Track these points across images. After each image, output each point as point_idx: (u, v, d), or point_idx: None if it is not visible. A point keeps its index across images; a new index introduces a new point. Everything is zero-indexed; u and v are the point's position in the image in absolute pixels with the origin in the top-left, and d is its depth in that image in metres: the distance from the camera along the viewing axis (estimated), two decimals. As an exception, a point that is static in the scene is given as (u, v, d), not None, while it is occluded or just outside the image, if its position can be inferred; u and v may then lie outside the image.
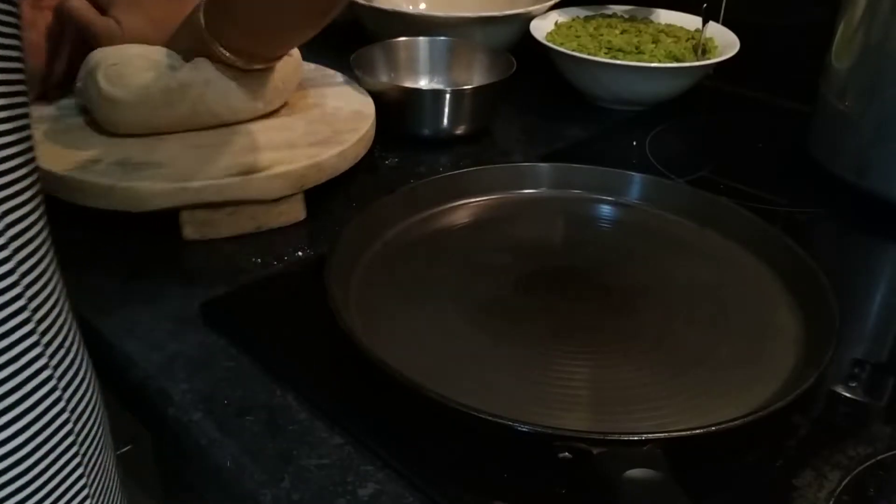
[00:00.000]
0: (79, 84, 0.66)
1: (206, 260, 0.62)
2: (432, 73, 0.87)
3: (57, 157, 0.62)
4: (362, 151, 0.71)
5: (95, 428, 0.40)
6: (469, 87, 0.82)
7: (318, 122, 0.71)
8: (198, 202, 0.61)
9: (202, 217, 0.62)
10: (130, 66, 0.64)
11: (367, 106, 0.75)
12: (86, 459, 0.39)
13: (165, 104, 0.65)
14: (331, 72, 0.82)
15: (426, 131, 0.80)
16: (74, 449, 0.38)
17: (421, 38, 0.89)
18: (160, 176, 0.61)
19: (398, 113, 0.79)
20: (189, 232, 0.63)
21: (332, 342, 0.49)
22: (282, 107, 0.73)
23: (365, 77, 0.80)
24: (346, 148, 0.67)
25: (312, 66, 0.83)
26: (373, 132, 0.73)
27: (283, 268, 0.61)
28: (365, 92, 0.78)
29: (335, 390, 0.50)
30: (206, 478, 0.48)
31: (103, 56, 0.65)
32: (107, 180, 0.60)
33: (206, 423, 0.47)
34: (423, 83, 0.83)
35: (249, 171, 0.62)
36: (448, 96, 0.79)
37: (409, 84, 0.85)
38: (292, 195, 0.65)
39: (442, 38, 0.89)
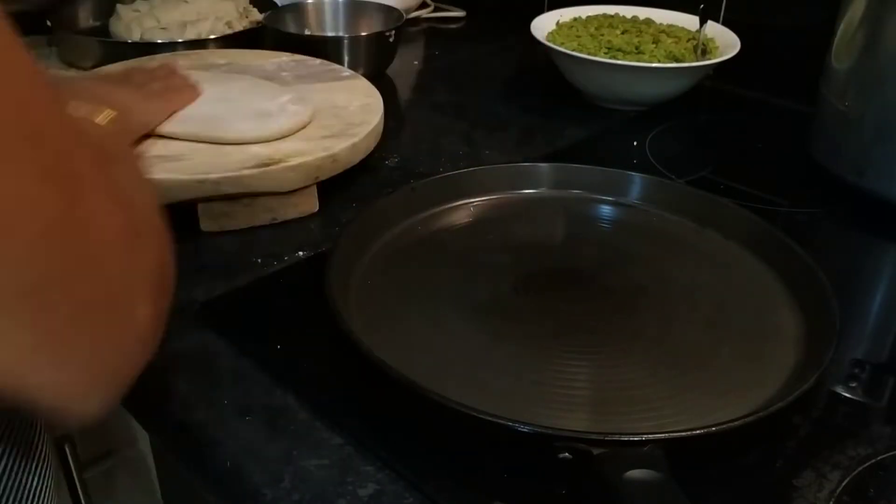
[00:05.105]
0: None
1: (205, 259, 0.62)
2: (336, 28, 1.05)
3: None
4: (373, 143, 0.73)
5: None
6: (364, 34, 0.99)
7: (329, 116, 0.72)
8: (216, 194, 0.62)
9: (219, 209, 0.63)
10: None
11: (376, 99, 0.76)
12: None
13: None
14: (337, 66, 0.84)
15: None
16: None
17: None
18: (179, 169, 0.62)
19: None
20: (206, 224, 0.64)
21: (332, 342, 0.49)
22: None
23: (278, 30, 0.95)
24: (358, 140, 0.69)
25: (318, 61, 0.84)
26: (381, 125, 0.74)
27: (284, 267, 0.61)
28: (371, 85, 0.79)
29: (335, 390, 0.50)
30: (205, 478, 0.48)
31: None
32: None
33: (205, 423, 0.47)
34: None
35: (266, 163, 0.63)
36: (346, 42, 0.94)
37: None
38: (306, 187, 0.66)
39: None
